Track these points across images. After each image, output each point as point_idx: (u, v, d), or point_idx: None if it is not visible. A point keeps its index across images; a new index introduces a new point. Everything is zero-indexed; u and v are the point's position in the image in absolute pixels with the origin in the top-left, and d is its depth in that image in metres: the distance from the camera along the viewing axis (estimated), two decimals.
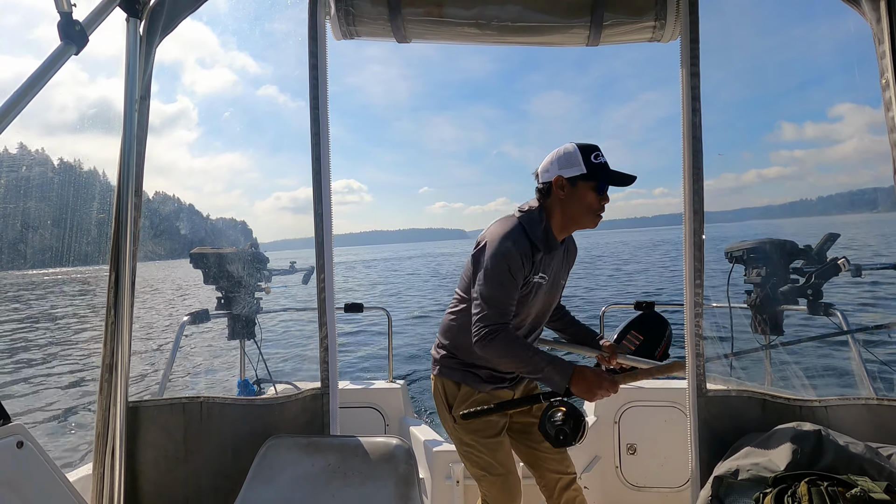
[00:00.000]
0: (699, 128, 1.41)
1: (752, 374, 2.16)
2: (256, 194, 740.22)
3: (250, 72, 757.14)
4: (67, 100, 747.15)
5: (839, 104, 48.24)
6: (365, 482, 1.25)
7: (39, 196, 24.29)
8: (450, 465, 2.13)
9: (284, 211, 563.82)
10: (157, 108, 18.92)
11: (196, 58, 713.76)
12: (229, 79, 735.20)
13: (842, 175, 44.97)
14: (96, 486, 1.40)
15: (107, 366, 1.41)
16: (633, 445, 2.37)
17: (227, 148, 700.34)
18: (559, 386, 1.44)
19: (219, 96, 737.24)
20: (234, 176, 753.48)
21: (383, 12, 1.57)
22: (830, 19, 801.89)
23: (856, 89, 45.04)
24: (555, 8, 1.58)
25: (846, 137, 42.50)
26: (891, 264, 2.17)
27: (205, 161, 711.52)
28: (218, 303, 2.42)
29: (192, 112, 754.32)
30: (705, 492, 1.22)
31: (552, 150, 1.59)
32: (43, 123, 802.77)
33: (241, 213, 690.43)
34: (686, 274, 1.45)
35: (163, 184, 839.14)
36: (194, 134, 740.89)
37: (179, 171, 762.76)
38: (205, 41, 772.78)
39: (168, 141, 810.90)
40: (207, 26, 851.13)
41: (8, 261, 7.24)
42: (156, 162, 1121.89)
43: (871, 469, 1.13)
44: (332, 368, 1.52)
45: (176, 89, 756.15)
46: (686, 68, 1.41)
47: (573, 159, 1.51)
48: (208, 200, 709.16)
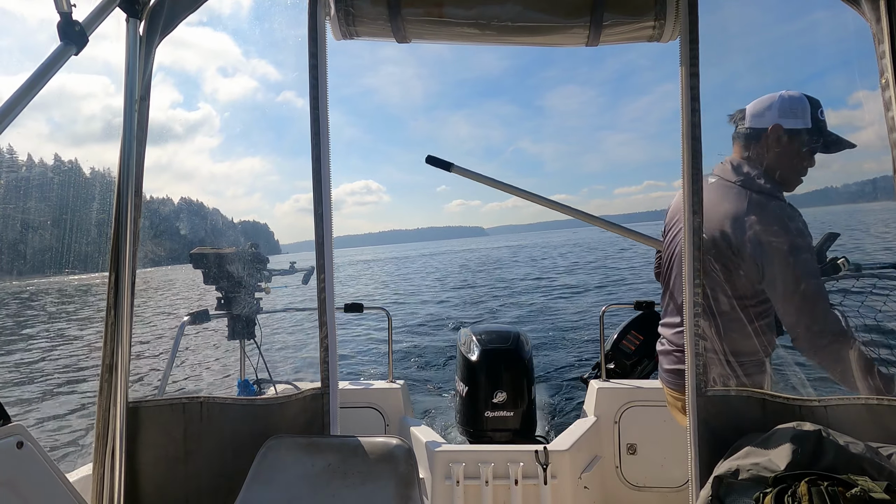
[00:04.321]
0: (698, 127, 1.41)
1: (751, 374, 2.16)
2: (276, 197, 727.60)
3: (259, 72, 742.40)
4: (95, 110, 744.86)
5: (857, 91, 46.25)
6: (365, 482, 1.25)
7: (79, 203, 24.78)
8: (450, 465, 2.13)
9: (303, 213, 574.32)
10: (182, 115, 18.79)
11: (198, 63, 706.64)
12: (249, 85, 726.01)
13: (867, 162, 42.68)
14: (96, 486, 1.40)
15: (107, 366, 1.41)
16: (633, 445, 2.37)
17: (247, 152, 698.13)
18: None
19: (234, 102, 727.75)
20: (255, 179, 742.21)
21: (383, 12, 1.57)
22: (830, 16, 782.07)
23: (871, 74, 45.28)
24: (555, 8, 1.58)
25: (867, 124, 42.07)
26: (891, 264, 2.17)
27: (227, 165, 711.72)
28: (218, 303, 2.42)
29: (215, 119, 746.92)
30: (705, 492, 1.22)
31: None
32: (71, 135, 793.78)
33: (262, 216, 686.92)
34: (686, 274, 1.45)
35: (186, 189, 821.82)
36: (216, 140, 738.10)
37: (202, 177, 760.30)
38: (222, 49, 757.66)
39: (191, 147, 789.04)
40: (223, 33, 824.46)
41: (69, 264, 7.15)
42: (179, 168, 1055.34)
43: (871, 469, 1.13)
44: (332, 368, 1.52)
45: (188, 95, 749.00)
46: (685, 68, 1.41)
47: (799, 109, 1.29)
48: (230, 204, 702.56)
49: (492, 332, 2.78)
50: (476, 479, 2.10)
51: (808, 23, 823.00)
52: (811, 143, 1.30)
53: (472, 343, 2.73)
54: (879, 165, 1.31)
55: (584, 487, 2.23)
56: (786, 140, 1.31)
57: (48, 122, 73.45)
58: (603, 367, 2.61)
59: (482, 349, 2.65)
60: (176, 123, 42.06)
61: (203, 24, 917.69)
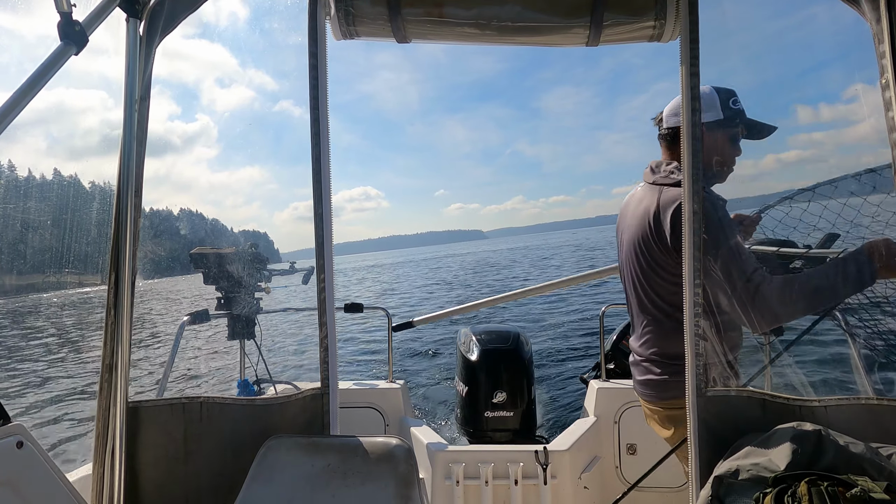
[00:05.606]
0: (699, 127, 1.41)
1: (751, 374, 2.16)
2: (275, 205, 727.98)
3: (256, 82, 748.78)
4: (93, 124, 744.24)
5: (853, 84, 45.68)
6: (365, 482, 1.25)
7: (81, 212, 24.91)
8: (450, 465, 2.13)
9: (302, 220, 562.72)
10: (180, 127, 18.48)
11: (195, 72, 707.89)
12: (246, 95, 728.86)
13: (865, 155, 43.56)
14: (96, 486, 1.40)
15: (107, 366, 1.41)
16: (633, 445, 2.37)
17: (246, 162, 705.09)
18: (866, 279, 1.17)
19: (232, 112, 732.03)
20: (253, 188, 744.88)
21: (383, 12, 1.57)
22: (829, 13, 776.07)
23: (869, 67, 44.63)
24: (555, 8, 1.58)
25: (863, 117, 42.24)
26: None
27: (225, 175, 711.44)
28: (218, 303, 2.42)
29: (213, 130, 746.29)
30: (705, 492, 1.22)
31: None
32: (69, 149, 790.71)
33: (262, 225, 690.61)
34: (686, 274, 1.44)
35: (185, 199, 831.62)
36: (214, 150, 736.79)
37: (200, 187, 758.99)
38: (219, 60, 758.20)
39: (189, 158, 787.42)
40: (219, 44, 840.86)
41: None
42: (178, 179, 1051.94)
43: (871, 469, 1.13)
44: (332, 368, 1.52)
45: (193, 107, 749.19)
46: (686, 68, 1.41)
47: (709, 102, 1.33)
48: (229, 213, 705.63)
49: (492, 332, 2.78)
50: (476, 479, 2.10)
51: (804, 17, 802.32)
52: (728, 132, 1.32)
53: (471, 343, 2.73)
54: (876, 158, 1.31)
55: (584, 487, 2.23)
56: (704, 134, 1.34)
57: (47, 136, 72.35)
58: (603, 367, 2.61)
59: (482, 349, 2.65)
60: (174, 135, 41.82)
61: (200, 36, 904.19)
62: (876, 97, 1.31)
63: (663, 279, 1.38)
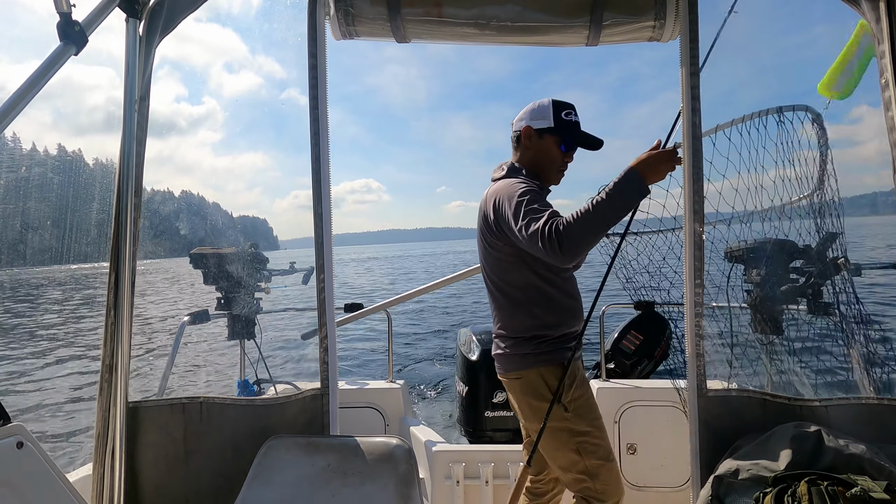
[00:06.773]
0: (699, 127, 1.41)
1: (751, 374, 2.16)
2: (276, 192, 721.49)
3: (265, 69, 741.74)
4: (100, 101, 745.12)
5: (857, 106, 46.21)
6: (365, 482, 1.25)
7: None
8: (450, 465, 2.13)
9: (302, 209, 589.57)
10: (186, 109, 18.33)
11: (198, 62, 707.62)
12: (254, 81, 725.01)
13: (867, 176, 41.35)
14: (96, 486, 1.40)
15: (107, 366, 1.41)
16: (633, 445, 2.36)
17: (249, 147, 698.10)
18: (641, 191, 1.32)
19: (238, 98, 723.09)
20: (255, 175, 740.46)
21: (382, 12, 1.57)
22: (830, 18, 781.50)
23: (872, 90, 44.25)
24: (554, 8, 1.58)
25: (867, 139, 41.03)
26: (891, 263, 2.17)
27: (228, 160, 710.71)
28: (218, 303, 2.42)
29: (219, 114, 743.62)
30: (705, 491, 1.22)
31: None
32: (75, 125, 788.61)
33: (262, 211, 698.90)
34: (686, 274, 1.45)
35: (188, 182, 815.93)
36: (219, 135, 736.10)
37: (203, 171, 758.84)
38: (229, 45, 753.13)
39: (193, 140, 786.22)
40: (230, 29, 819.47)
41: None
42: (181, 161, 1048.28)
43: (871, 469, 1.13)
44: (332, 368, 1.52)
45: (201, 92, 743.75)
46: (685, 68, 1.41)
47: (544, 112, 1.53)
48: (230, 198, 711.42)
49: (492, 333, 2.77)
50: (476, 479, 2.10)
51: (809, 25, 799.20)
52: (559, 139, 1.52)
53: (472, 343, 2.73)
54: (879, 181, 1.33)
55: None
56: (536, 138, 1.53)
57: (53, 111, 72.62)
58: (603, 367, 2.61)
59: (482, 349, 2.64)
60: (180, 117, 41.85)
61: (211, 20, 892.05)
62: (879, 119, 1.34)
63: (496, 259, 1.52)
